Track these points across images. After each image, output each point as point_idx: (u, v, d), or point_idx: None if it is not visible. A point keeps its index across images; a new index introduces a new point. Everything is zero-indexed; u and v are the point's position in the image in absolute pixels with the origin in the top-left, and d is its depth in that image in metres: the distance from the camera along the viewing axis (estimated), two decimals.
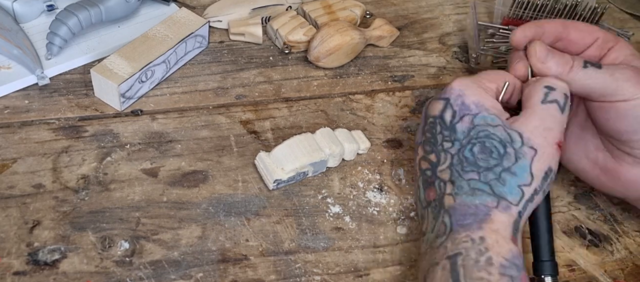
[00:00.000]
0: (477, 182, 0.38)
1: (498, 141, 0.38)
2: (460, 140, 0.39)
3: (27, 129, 0.48)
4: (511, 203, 0.37)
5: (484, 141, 0.38)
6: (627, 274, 0.44)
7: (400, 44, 0.61)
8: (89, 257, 0.41)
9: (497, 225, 0.36)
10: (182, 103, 0.52)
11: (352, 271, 0.42)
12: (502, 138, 0.38)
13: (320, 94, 0.55)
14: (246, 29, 0.58)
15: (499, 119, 0.39)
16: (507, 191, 0.37)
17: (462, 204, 0.37)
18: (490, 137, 0.39)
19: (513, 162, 0.38)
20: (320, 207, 0.46)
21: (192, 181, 0.46)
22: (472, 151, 0.38)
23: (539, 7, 0.59)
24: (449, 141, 0.40)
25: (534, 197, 0.38)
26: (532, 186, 0.38)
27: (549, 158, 0.38)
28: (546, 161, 0.38)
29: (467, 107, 0.40)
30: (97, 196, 0.44)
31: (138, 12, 0.58)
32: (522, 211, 0.37)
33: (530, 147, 0.38)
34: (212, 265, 0.41)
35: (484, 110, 0.39)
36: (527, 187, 0.37)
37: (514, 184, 0.37)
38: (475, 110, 0.40)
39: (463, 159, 0.39)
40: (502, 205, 0.37)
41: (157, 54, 0.51)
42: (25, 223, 0.42)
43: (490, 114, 0.39)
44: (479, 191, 0.37)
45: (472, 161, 0.38)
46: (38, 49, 0.53)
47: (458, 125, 0.39)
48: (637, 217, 0.48)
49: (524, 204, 0.37)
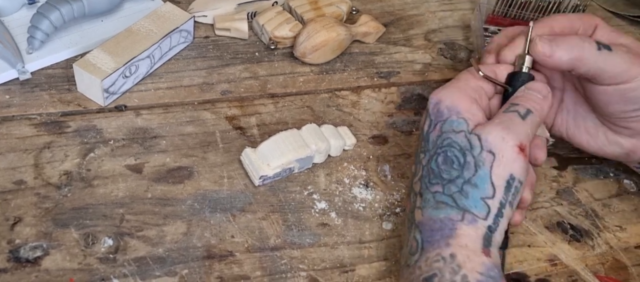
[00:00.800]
0: (441, 195, 0.36)
1: (458, 149, 0.37)
2: (429, 150, 0.38)
3: (7, 124, 0.47)
4: (477, 216, 0.35)
5: (446, 150, 0.37)
6: (608, 268, 0.45)
7: (386, 40, 0.61)
8: (72, 254, 0.40)
9: (464, 240, 0.35)
10: (166, 98, 0.52)
11: (337, 266, 0.42)
12: (462, 146, 0.37)
13: (306, 90, 0.55)
14: (232, 24, 0.57)
15: (465, 123, 0.37)
16: (471, 203, 0.36)
17: (428, 218, 0.36)
18: (451, 145, 0.37)
19: (473, 173, 0.36)
20: (306, 203, 0.46)
21: (177, 177, 0.46)
22: (437, 161, 0.37)
23: (523, 5, 0.60)
24: (423, 151, 0.39)
25: (503, 211, 0.36)
26: (496, 198, 0.36)
27: (509, 163, 0.36)
28: (506, 166, 0.36)
29: (441, 114, 0.38)
30: (80, 192, 0.44)
31: (122, 6, 0.58)
32: (493, 225, 0.36)
33: (489, 151, 0.36)
34: (198, 261, 0.41)
35: (454, 114, 0.38)
36: (491, 200, 0.36)
37: (477, 196, 0.36)
38: (446, 115, 0.38)
39: (430, 170, 0.37)
40: (467, 218, 0.35)
41: (141, 48, 0.51)
42: (6, 220, 0.41)
43: (459, 118, 0.37)
44: (443, 204, 0.36)
45: (436, 172, 0.37)
46: (19, 43, 0.52)
47: (431, 134, 0.38)
48: (617, 213, 0.49)
49: (494, 219, 0.36)
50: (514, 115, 0.38)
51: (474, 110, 0.38)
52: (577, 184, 0.50)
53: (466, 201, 0.36)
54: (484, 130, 0.37)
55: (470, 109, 0.38)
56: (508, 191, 0.36)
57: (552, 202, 0.49)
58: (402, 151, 0.51)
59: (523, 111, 0.38)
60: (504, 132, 0.36)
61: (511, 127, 0.37)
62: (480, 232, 0.35)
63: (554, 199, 0.49)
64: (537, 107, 0.39)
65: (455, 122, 0.37)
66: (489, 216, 0.36)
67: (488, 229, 0.35)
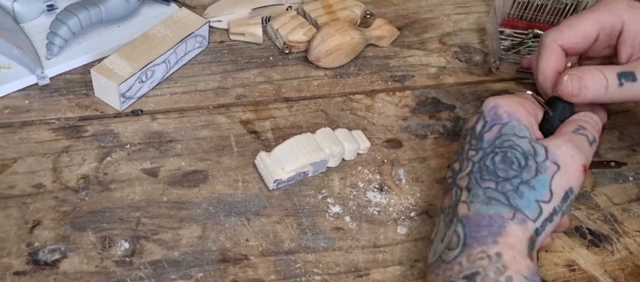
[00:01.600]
0: (494, 192, 0.36)
1: (521, 152, 0.37)
2: (484, 149, 0.38)
3: (27, 129, 0.48)
4: (528, 217, 0.36)
5: (506, 150, 0.37)
6: (628, 274, 0.44)
7: (400, 43, 0.61)
8: (89, 257, 0.41)
9: (512, 239, 0.35)
10: (182, 103, 0.52)
11: (352, 271, 0.42)
12: (526, 150, 0.37)
13: (321, 93, 0.55)
14: (246, 29, 0.58)
15: (528, 131, 0.38)
16: (524, 203, 0.36)
17: (476, 213, 0.36)
18: (513, 147, 0.37)
19: (532, 176, 0.36)
20: (321, 207, 0.46)
21: (192, 180, 0.46)
22: (494, 160, 0.37)
23: (539, 7, 0.59)
24: (474, 149, 0.39)
25: (554, 217, 0.36)
26: (551, 204, 0.36)
27: (571, 178, 0.37)
28: (568, 179, 0.37)
29: (499, 117, 0.39)
30: (97, 195, 0.44)
31: (138, 12, 0.58)
32: (539, 228, 0.36)
33: (554, 162, 0.37)
34: (212, 265, 0.41)
35: (515, 120, 0.39)
36: (546, 205, 0.36)
37: (532, 198, 0.36)
38: (506, 119, 0.39)
39: (483, 167, 0.38)
40: (518, 217, 0.35)
41: (157, 53, 0.51)
42: (26, 223, 0.42)
43: (521, 124, 0.38)
44: (495, 200, 0.36)
45: (491, 169, 0.37)
46: (38, 49, 0.53)
47: (486, 134, 0.39)
48: (637, 217, 0.48)
49: (542, 222, 0.36)
50: (583, 139, 0.39)
51: (531, 122, 0.40)
52: (596, 188, 0.50)
53: (520, 200, 0.36)
54: (553, 143, 0.38)
55: (529, 119, 0.39)
56: (564, 201, 0.37)
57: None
58: (417, 154, 0.50)
59: (591, 138, 0.40)
60: (574, 151, 0.38)
61: (581, 148, 0.38)
62: (528, 233, 0.35)
63: None
64: (597, 137, 0.41)
65: (517, 127, 0.38)
66: (539, 218, 0.36)
67: (535, 232, 0.36)
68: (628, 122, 0.56)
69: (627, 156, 0.53)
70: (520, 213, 0.36)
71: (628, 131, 0.55)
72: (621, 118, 0.56)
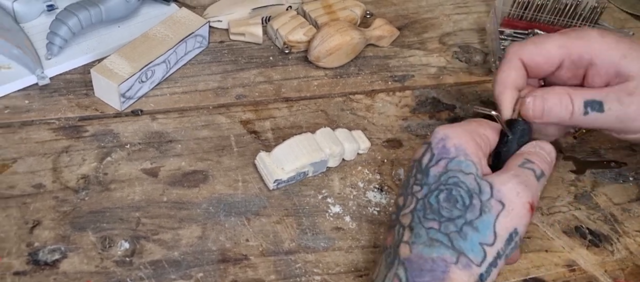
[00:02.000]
0: (437, 233, 0.34)
1: (465, 190, 0.35)
2: (429, 184, 0.36)
3: (27, 129, 0.48)
4: (472, 261, 0.34)
5: (451, 188, 0.35)
6: (628, 274, 0.44)
7: (400, 43, 0.61)
8: (89, 257, 0.41)
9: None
10: (182, 103, 0.52)
11: (352, 270, 0.42)
12: (471, 188, 0.35)
13: (321, 93, 0.55)
14: (246, 29, 0.58)
15: (474, 167, 0.36)
16: (467, 246, 0.34)
17: (418, 256, 0.34)
18: (458, 184, 0.35)
19: (477, 216, 0.34)
20: (321, 207, 0.46)
21: (192, 180, 0.46)
22: (438, 197, 0.35)
23: (539, 7, 0.59)
24: (418, 184, 0.37)
25: (498, 261, 0.34)
26: (495, 247, 0.34)
27: (516, 217, 0.35)
28: (513, 220, 0.35)
29: (447, 151, 0.37)
30: (97, 195, 0.44)
31: (138, 12, 0.58)
32: (484, 274, 0.34)
33: (499, 201, 0.35)
34: (212, 265, 0.41)
35: (462, 155, 0.36)
36: (490, 248, 0.34)
37: (476, 240, 0.34)
38: (454, 154, 0.36)
39: (427, 205, 0.35)
40: (462, 262, 0.34)
41: (157, 53, 0.51)
42: (26, 223, 0.42)
43: (467, 159, 0.36)
44: (438, 242, 0.34)
45: (435, 208, 0.35)
46: (38, 49, 0.53)
47: (432, 168, 0.36)
48: (637, 217, 0.48)
49: (487, 267, 0.34)
50: (530, 173, 0.37)
51: (480, 156, 0.37)
52: (596, 188, 0.50)
53: (463, 242, 0.34)
54: (498, 180, 0.36)
55: (477, 153, 0.37)
56: (508, 243, 0.35)
57: (570, 207, 0.48)
58: None
59: (538, 172, 0.37)
60: (519, 187, 0.35)
61: (528, 184, 0.36)
62: (473, 279, 0.33)
63: (571, 204, 0.48)
64: (547, 170, 0.38)
65: (464, 163, 0.36)
66: (484, 263, 0.34)
67: (480, 278, 0.34)
68: None
69: (627, 155, 0.53)
70: (464, 257, 0.34)
71: None
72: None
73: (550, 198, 0.49)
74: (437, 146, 0.37)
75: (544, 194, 0.49)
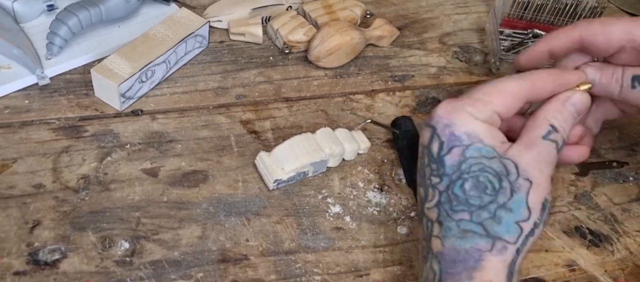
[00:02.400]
0: (469, 223, 0.34)
1: (493, 174, 0.35)
2: (449, 175, 0.35)
3: (27, 129, 0.48)
4: (508, 242, 0.34)
5: (477, 175, 0.35)
6: (628, 274, 0.44)
7: (400, 43, 0.61)
8: (89, 257, 0.41)
9: (489, 274, 0.33)
10: (182, 103, 0.52)
11: (352, 271, 0.42)
12: (498, 171, 0.35)
13: (321, 93, 0.55)
14: (246, 29, 0.58)
15: (494, 151, 0.36)
16: (503, 229, 0.34)
17: (451, 249, 0.34)
18: (484, 170, 0.35)
19: (509, 197, 0.34)
20: (321, 207, 0.46)
21: (192, 180, 0.46)
22: (463, 187, 0.35)
23: (539, 8, 0.59)
24: (436, 175, 0.36)
25: (535, 230, 0.35)
26: (531, 220, 0.35)
27: (544, 190, 0.36)
28: (542, 192, 0.36)
29: (458, 138, 0.36)
30: (97, 195, 0.44)
31: (138, 12, 0.58)
32: (521, 247, 0.34)
33: (526, 179, 0.35)
34: (213, 265, 0.41)
35: (478, 142, 0.36)
36: (525, 223, 0.35)
37: (511, 221, 0.34)
38: (468, 141, 0.36)
39: (452, 197, 0.35)
40: (497, 247, 0.34)
41: (157, 53, 0.51)
42: (26, 223, 0.42)
43: (485, 145, 0.36)
44: (471, 232, 0.34)
45: (462, 199, 0.35)
46: (38, 49, 0.53)
47: (446, 157, 0.36)
48: (637, 217, 0.48)
49: (523, 239, 0.34)
50: (552, 146, 0.37)
51: (495, 135, 0.37)
52: (596, 188, 0.50)
53: (498, 227, 0.34)
54: (521, 157, 0.36)
55: (492, 133, 0.37)
56: (543, 211, 0.36)
57: (570, 207, 0.48)
58: None
59: (561, 143, 0.38)
60: (543, 165, 0.36)
61: (549, 159, 0.37)
62: (508, 260, 0.34)
63: (572, 204, 0.48)
64: (570, 127, 0.39)
65: (483, 149, 0.36)
66: (520, 238, 0.34)
67: (516, 252, 0.34)
68: (628, 122, 0.56)
69: (627, 155, 0.53)
70: (500, 241, 0.34)
71: (628, 131, 0.55)
72: (621, 118, 0.56)
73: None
74: (443, 133, 0.36)
75: None
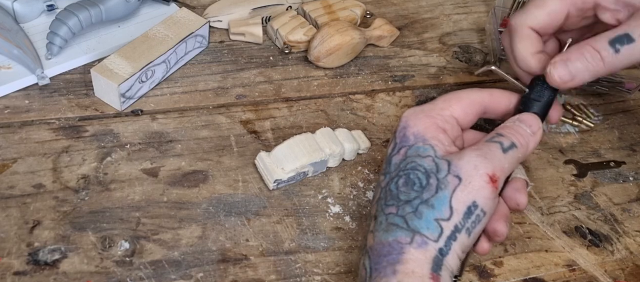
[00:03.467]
0: (394, 217, 0.34)
1: (423, 171, 0.35)
2: (390, 173, 0.37)
3: (27, 129, 0.48)
4: (428, 238, 0.33)
5: (409, 172, 0.35)
6: (628, 274, 0.44)
7: (400, 43, 0.61)
8: (89, 257, 0.41)
9: (411, 266, 0.33)
10: (182, 103, 0.52)
11: (352, 271, 0.42)
12: (428, 168, 0.35)
13: (321, 93, 0.55)
14: (246, 29, 0.58)
15: (432, 149, 0.36)
16: (422, 224, 0.34)
17: (378, 243, 0.34)
18: (416, 168, 0.35)
19: (432, 194, 0.34)
20: (321, 207, 0.46)
21: (192, 180, 0.46)
22: (397, 183, 0.36)
23: None
24: (383, 174, 0.37)
25: (456, 234, 0.34)
26: (452, 221, 0.34)
27: (474, 190, 0.34)
28: (470, 193, 0.34)
29: (407, 139, 0.37)
30: (98, 195, 0.44)
31: (138, 12, 0.58)
32: (444, 248, 0.33)
33: (455, 176, 0.34)
34: (213, 265, 0.41)
35: (420, 141, 0.37)
36: (446, 222, 0.34)
37: (431, 217, 0.34)
38: (412, 141, 0.37)
39: (388, 192, 0.36)
40: (417, 241, 0.33)
41: (157, 54, 0.51)
42: (26, 223, 0.42)
43: (425, 144, 0.36)
44: (394, 225, 0.34)
45: (394, 194, 0.35)
46: (38, 49, 0.53)
47: (394, 157, 0.37)
48: (637, 217, 0.48)
49: (446, 241, 0.34)
50: (495, 146, 0.36)
51: (441, 138, 0.37)
52: (596, 188, 0.50)
53: (418, 221, 0.34)
54: (457, 156, 0.36)
55: (438, 136, 0.37)
56: (467, 217, 0.34)
57: (570, 207, 0.48)
58: None
59: (507, 144, 0.36)
60: (477, 160, 0.35)
61: (488, 156, 0.35)
62: (430, 254, 0.33)
63: (571, 204, 0.48)
64: (523, 142, 0.37)
65: (422, 148, 0.36)
66: (441, 237, 0.34)
67: (439, 252, 0.33)
68: (628, 122, 0.56)
69: (627, 155, 0.53)
70: (419, 235, 0.33)
71: (628, 131, 0.55)
72: (621, 118, 0.56)
73: (550, 198, 0.49)
74: (399, 135, 0.38)
75: (544, 194, 0.49)
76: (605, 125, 0.55)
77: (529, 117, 0.39)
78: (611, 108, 0.57)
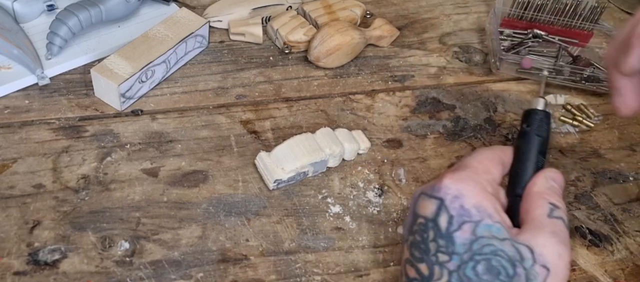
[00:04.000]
0: None
1: (506, 259, 0.33)
2: (460, 254, 0.33)
3: (27, 129, 0.48)
4: None
5: (489, 258, 0.33)
6: (628, 274, 0.44)
7: (400, 44, 0.61)
8: (89, 257, 0.41)
9: None
10: (182, 103, 0.52)
11: (352, 271, 0.42)
12: (511, 255, 0.33)
13: (321, 93, 0.55)
14: (246, 29, 0.58)
15: (505, 231, 0.34)
16: None
17: None
18: (497, 254, 0.33)
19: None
20: (321, 207, 0.46)
21: (193, 180, 0.46)
22: (476, 269, 0.33)
23: (539, 8, 0.59)
24: (445, 252, 0.34)
25: None
26: None
27: (561, 280, 0.33)
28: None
29: (467, 213, 0.34)
30: (98, 195, 0.44)
31: (138, 12, 0.58)
32: None
33: (543, 266, 0.33)
34: (213, 265, 0.41)
35: (487, 218, 0.34)
36: None
37: None
38: (477, 217, 0.34)
39: (464, 278, 0.33)
40: None
41: (157, 54, 0.51)
42: (26, 223, 0.42)
43: (494, 222, 0.34)
44: None
45: (475, 281, 0.33)
46: (38, 49, 0.53)
47: (456, 234, 0.33)
48: (637, 217, 0.48)
49: None
50: (561, 224, 0.35)
51: (499, 210, 0.35)
52: (596, 188, 0.50)
53: None
54: (536, 242, 0.34)
55: (497, 208, 0.35)
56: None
57: (570, 207, 0.48)
58: (417, 154, 0.50)
59: (567, 220, 0.36)
60: (560, 248, 0.34)
61: (564, 240, 0.34)
62: None
63: (572, 204, 0.48)
64: (564, 208, 0.37)
65: (493, 227, 0.34)
66: None
67: None
68: (628, 122, 0.56)
69: (627, 156, 0.53)
70: None
71: (628, 131, 0.55)
72: (621, 118, 0.56)
73: None
74: (453, 206, 0.34)
75: None
76: (605, 125, 0.55)
77: (557, 176, 0.38)
78: (611, 108, 0.57)
